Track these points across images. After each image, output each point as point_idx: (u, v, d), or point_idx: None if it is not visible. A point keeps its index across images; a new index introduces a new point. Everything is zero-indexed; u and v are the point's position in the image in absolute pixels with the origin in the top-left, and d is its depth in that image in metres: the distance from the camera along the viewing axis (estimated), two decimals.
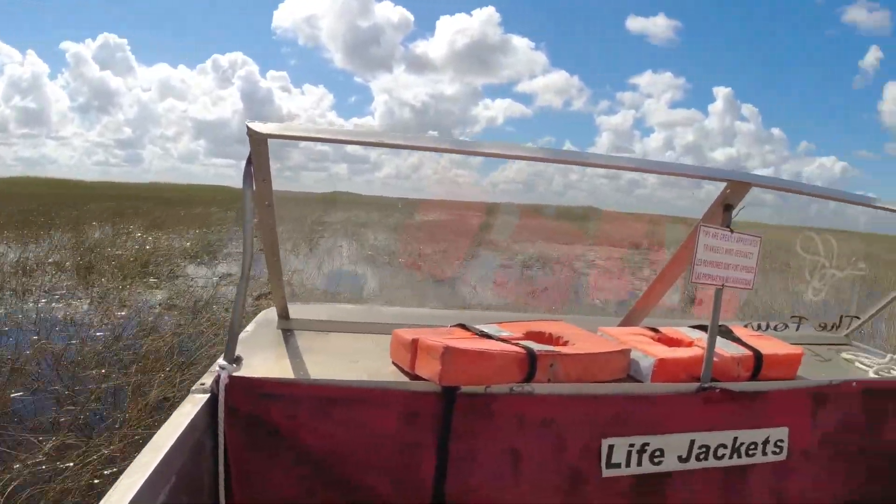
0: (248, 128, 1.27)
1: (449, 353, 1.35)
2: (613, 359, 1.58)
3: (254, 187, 1.38)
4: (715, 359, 1.59)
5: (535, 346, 1.50)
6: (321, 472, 1.40)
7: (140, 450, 1.13)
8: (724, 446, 1.59)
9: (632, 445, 1.51)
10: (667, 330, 1.88)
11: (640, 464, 1.52)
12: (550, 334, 1.71)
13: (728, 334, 1.81)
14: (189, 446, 1.22)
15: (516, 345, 1.50)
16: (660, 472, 1.54)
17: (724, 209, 1.60)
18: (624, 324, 2.08)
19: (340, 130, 1.39)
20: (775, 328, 2.18)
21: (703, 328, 1.83)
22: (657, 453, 1.53)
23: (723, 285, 1.55)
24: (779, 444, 1.65)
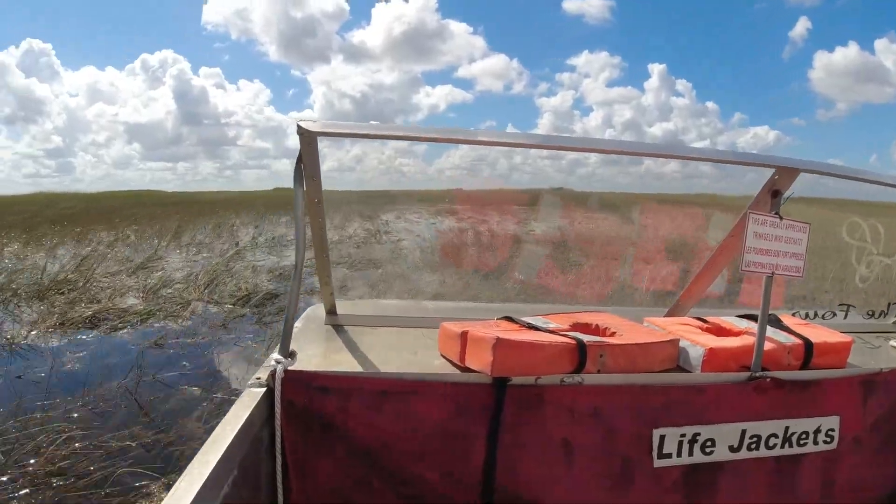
0: (298, 126, 1.30)
1: (500, 345, 1.36)
2: (662, 349, 1.58)
3: (304, 185, 1.41)
4: (765, 348, 1.58)
5: (584, 337, 1.50)
6: (374, 463, 1.42)
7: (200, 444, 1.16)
8: (776, 436, 1.58)
9: (683, 435, 1.51)
10: (714, 319, 1.86)
11: (691, 454, 1.52)
12: (597, 325, 1.72)
13: (777, 323, 1.79)
14: (248, 440, 1.25)
15: (565, 336, 1.50)
16: (711, 462, 1.54)
17: (771, 196, 1.59)
18: (670, 314, 2.07)
19: (386, 126, 1.50)
20: (823, 316, 2.16)
21: (750, 317, 1.82)
22: (708, 443, 1.53)
23: (773, 273, 1.54)
24: (829, 432, 1.63)
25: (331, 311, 1.92)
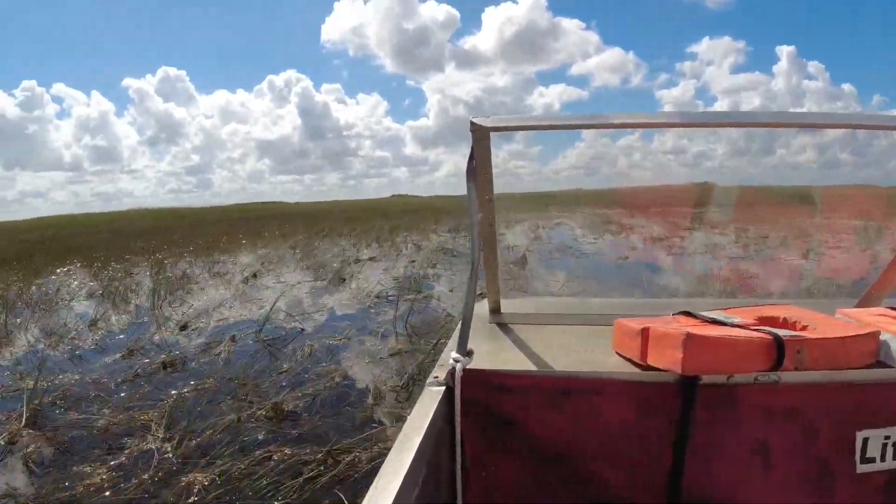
0: (471, 123, 1.31)
1: (691, 341, 1.29)
2: (862, 343, 1.43)
3: (475, 183, 1.41)
4: None
5: (780, 332, 1.39)
6: (555, 462, 1.40)
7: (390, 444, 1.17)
8: None
9: (887, 437, 1.38)
10: None
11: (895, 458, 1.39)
12: (785, 319, 1.58)
13: None
14: (433, 438, 1.25)
15: (758, 330, 1.40)
16: None
17: None
18: (861, 304, 1.90)
19: (552, 117, 1.45)
20: None
21: None
22: None
23: None
24: None
25: (495, 310, 1.92)
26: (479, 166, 1.41)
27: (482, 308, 1.95)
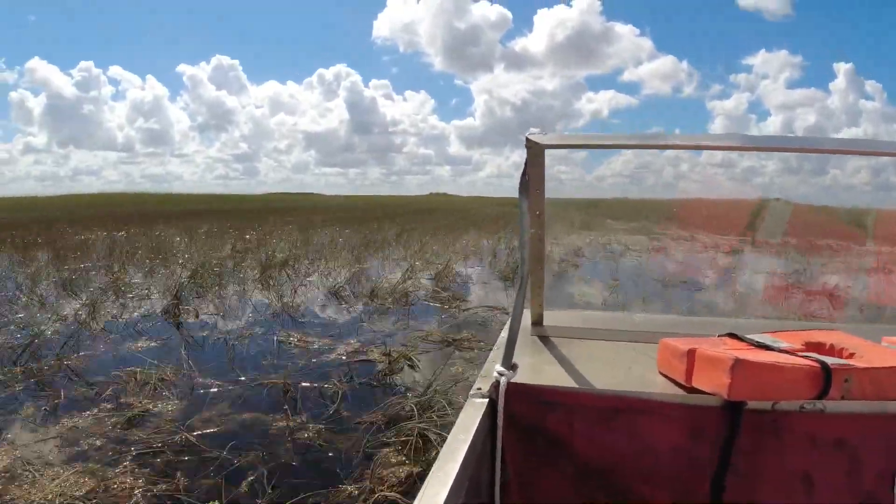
0: (527, 139, 1.33)
1: (739, 366, 1.28)
2: None
3: (528, 197, 1.43)
4: None
5: (828, 360, 1.37)
6: (601, 482, 1.39)
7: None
8: None
9: None
10: None
11: None
12: (832, 345, 1.55)
13: None
14: (476, 452, 1.25)
15: (805, 357, 1.38)
16: None
17: None
18: None
19: (606, 136, 1.46)
20: None
21: None
22: None
23: None
24: None
25: (537, 322, 1.92)
26: (531, 181, 1.42)
27: (524, 319, 1.93)
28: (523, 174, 1.41)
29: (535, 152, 1.36)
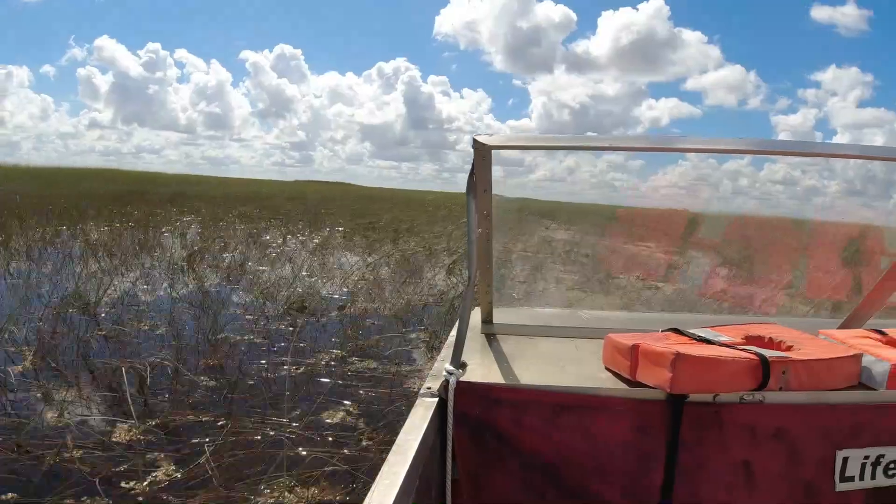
0: (473, 140, 1.34)
1: (680, 360, 1.31)
2: (845, 364, 1.47)
3: (476, 197, 1.44)
4: None
5: (766, 352, 1.42)
6: (550, 477, 1.41)
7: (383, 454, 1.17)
8: None
9: (866, 457, 1.42)
10: (894, 332, 1.71)
11: (874, 477, 1.42)
12: (771, 338, 1.61)
13: None
14: (426, 451, 1.26)
15: (745, 350, 1.43)
16: (895, 486, 1.44)
17: None
18: (845, 326, 1.94)
19: (554, 137, 1.50)
20: None
21: None
22: (892, 465, 1.42)
23: None
24: None
25: (487, 320, 1.94)
26: (478, 182, 1.44)
27: (474, 317, 1.96)
28: (470, 175, 1.41)
29: (482, 153, 1.37)
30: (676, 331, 1.62)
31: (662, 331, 1.64)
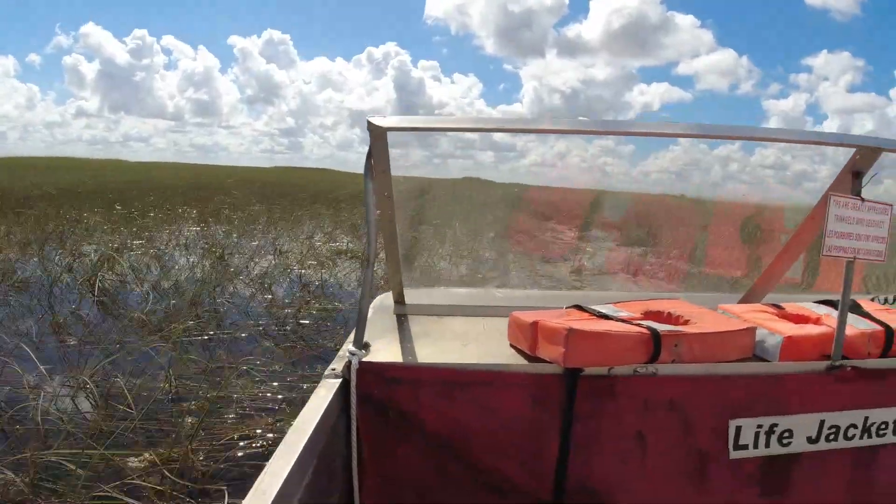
0: (368, 122, 1.34)
1: (572, 335, 1.35)
2: (738, 337, 1.54)
3: (373, 179, 1.44)
4: (845, 335, 1.52)
5: (658, 326, 1.48)
6: (449, 452, 1.44)
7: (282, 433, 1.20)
8: (855, 426, 1.52)
9: (759, 426, 1.48)
10: (790, 306, 1.80)
11: (767, 445, 1.49)
12: (670, 313, 1.67)
13: (856, 309, 1.70)
14: (326, 430, 1.28)
15: (638, 325, 1.48)
16: (788, 454, 1.51)
17: (853, 177, 1.54)
18: (745, 300, 2.02)
19: (452, 118, 1.51)
20: None
21: (828, 303, 1.76)
22: (785, 434, 1.49)
23: (854, 258, 1.49)
24: None
25: (399, 301, 1.95)
26: (376, 164, 1.44)
27: (388, 299, 1.98)
28: (368, 158, 1.41)
29: (377, 135, 1.37)
30: (579, 307, 1.66)
31: (566, 308, 1.67)
